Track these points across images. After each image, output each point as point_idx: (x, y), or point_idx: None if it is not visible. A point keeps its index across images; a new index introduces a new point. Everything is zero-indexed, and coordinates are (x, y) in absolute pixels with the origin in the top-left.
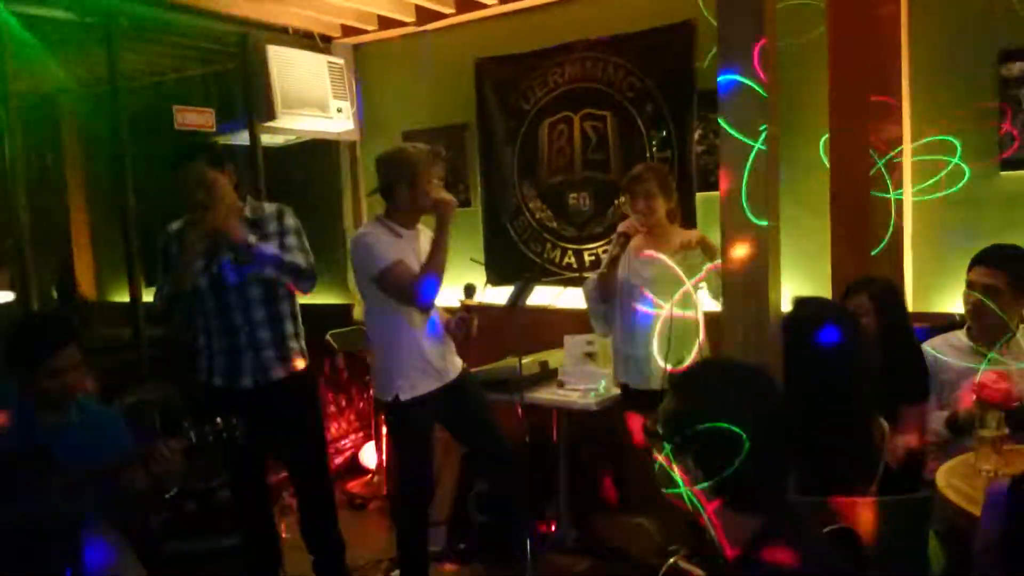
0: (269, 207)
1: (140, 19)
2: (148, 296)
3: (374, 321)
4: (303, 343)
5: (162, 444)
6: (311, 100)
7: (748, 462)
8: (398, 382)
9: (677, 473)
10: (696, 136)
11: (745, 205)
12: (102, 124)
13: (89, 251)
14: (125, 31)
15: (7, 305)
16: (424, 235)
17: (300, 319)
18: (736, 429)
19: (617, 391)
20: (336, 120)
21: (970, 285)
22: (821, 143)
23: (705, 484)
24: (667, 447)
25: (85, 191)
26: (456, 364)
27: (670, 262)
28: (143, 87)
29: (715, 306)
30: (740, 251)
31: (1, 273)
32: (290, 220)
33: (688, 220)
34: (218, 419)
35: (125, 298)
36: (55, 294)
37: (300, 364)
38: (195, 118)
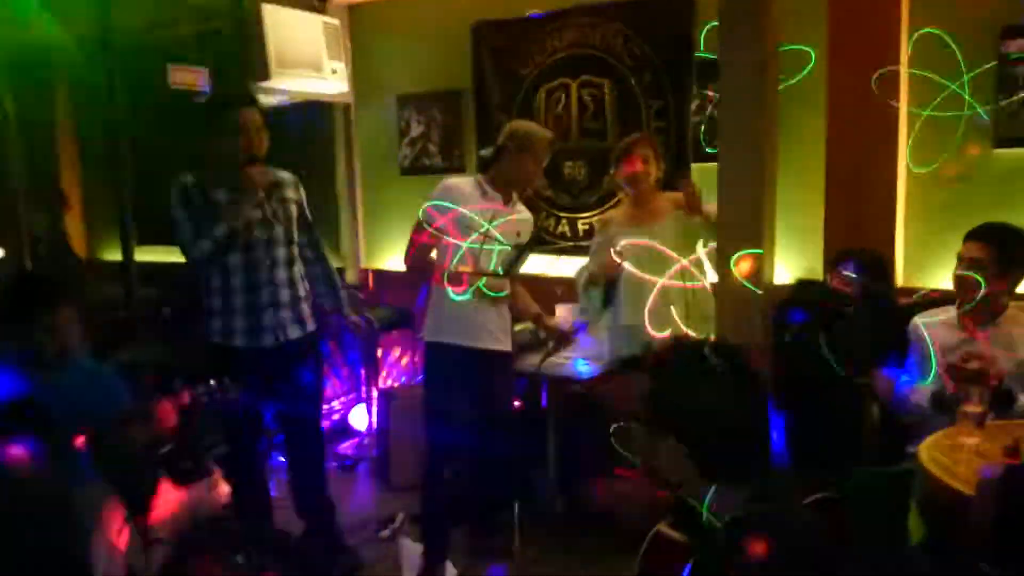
0: (283, 172)
1: None
2: (141, 255)
3: None
4: (311, 305)
5: (159, 402)
6: (306, 60)
7: (727, 438)
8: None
9: (662, 450)
10: (694, 106)
11: (741, 177)
12: (95, 81)
13: (80, 209)
14: None
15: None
16: (517, 214)
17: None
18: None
19: (607, 360)
20: (331, 81)
21: (959, 259)
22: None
23: (689, 458)
24: (649, 426)
25: (77, 149)
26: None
27: (659, 245)
28: (136, 45)
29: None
30: (735, 223)
31: None
32: (303, 191)
33: None
34: (211, 380)
35: (116, 256)
36: (44, 251)
37: (311, 325)
38: (189, 77)
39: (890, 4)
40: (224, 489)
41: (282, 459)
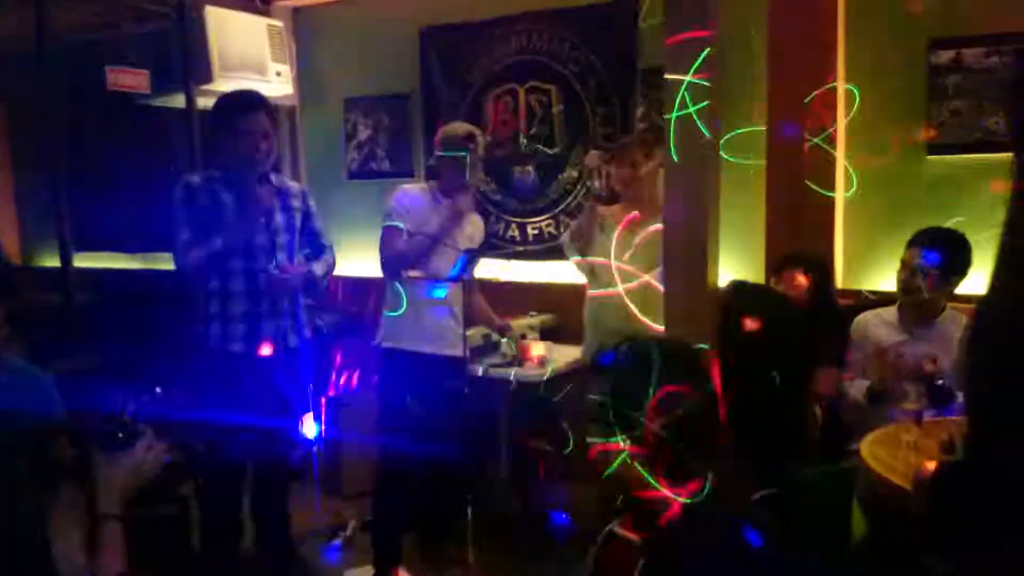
0: (290, 180)
1: None
2: (79, 262)
3: None
4: (307, 315)
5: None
6: (249, 63)
7: (680, 435)
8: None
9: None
10: (639, 113)
11: (685, 181)
12: (28, 81)
13: (12, 213)
14: None
15: None
16: (468, 219)
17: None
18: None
19: (562, 364)
20: (275, 84)
21: (903, 264)
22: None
23: (642, 460)
24: (602, 425)
25: (8, 151)
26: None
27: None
28: (73, 45)
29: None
30: (680, 226)
31: None
32: (312, 202)
33: None
34: (157, 389)
35: (52, 263)
36: None
37: (307, 335)
38: (129, 79)
39: (827, 15)
40: (160, 446)
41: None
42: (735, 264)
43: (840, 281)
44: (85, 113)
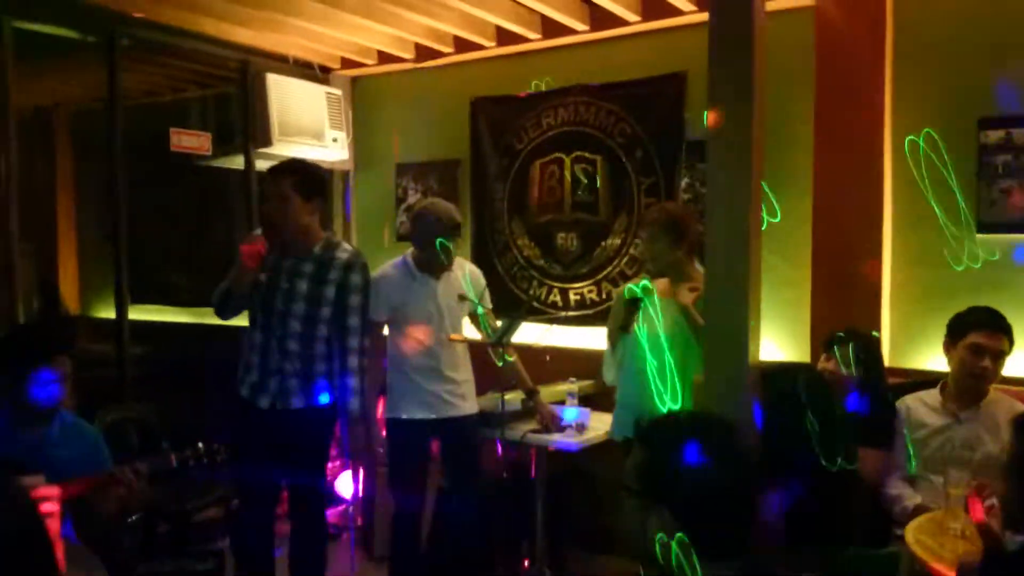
0: (344, 253)
1: (142, 40)
2: (134, 313)
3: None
4: (334, 382)
5: (126, 468)
6: (307, 129)
7: (718, 511)
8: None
9: (653, 524)
10: (683, 184)
11: (727, 252)
12: (97, 140)
13: (75, 265)
14: (126, 51)
15: None
16: (452, 279)
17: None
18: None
19: (602, 433)
20: (331, 149)
21: (977, 348)
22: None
23: (680, 535)
24: (639, 499)
25: (74, 205)
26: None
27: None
28: (140, 107)
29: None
30: (721, 299)
31: None
32: (356, 277)
33: None
34: (200, 444)
35: (109, 314)
36: (37, 306)
37: (323, 399)
38: (191, 141)
39: (874, 93)
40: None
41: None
42: (781, 338)
43: (887, 359)
44: (149, 171)
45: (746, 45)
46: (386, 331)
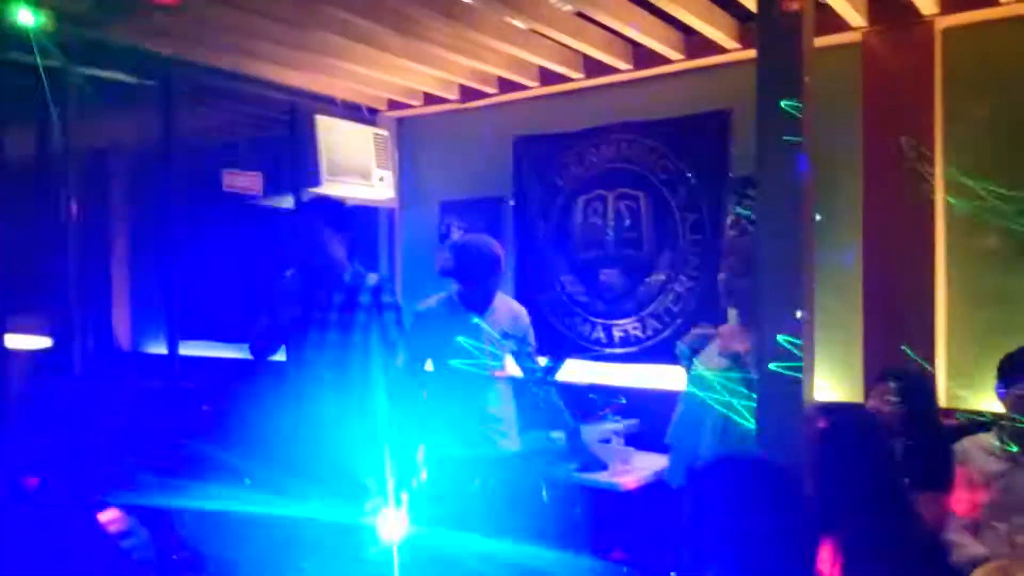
0: (372, 278)
1: (197, 84)
2: (184, 350)
3: None
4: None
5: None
6: (355, 168)
7: (774, 559)
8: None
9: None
10: (729, 221)
11: (778, 294)
12: (150, 181)
13: (126, 303)
14: (182, 94)
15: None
16: (499, 312)
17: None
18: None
19: (648, 473)
20: (378, 188)
21: None
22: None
23: None
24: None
25: (127, 245)
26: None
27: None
28: (192, 148)
29: None
30: (774, 342)
31: (38, 318)
32: (387, 298)
33: None
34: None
35: (158, 350)
36: (92, 344)
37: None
38: (243, 181)
39: (924, 127)
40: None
41: None
42: (833, 379)
43: (943, 400)
44: (201, 211)
45: (795, 81)
46: (428, 366)
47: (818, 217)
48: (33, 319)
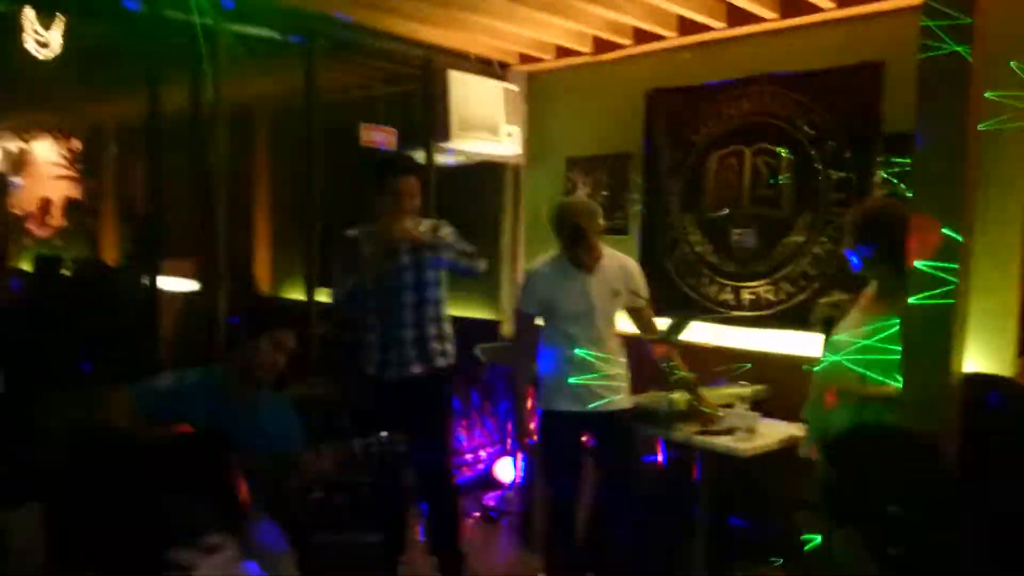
0: (426, 221)
1: (337, 40)
2: (319, 296)
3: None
4: (447, 347)
5: (315, 454)
6: (484, 124)
7: (919, 534)
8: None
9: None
10: (878, 179)
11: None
12: (291, 134)
13: (267, 250)
14: (323, 50)
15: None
16: (605, 272)
17: (447, 327)
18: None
19: (773, 441)
20: (505, 144)
21: None
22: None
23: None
24: (824, 513)
25: (269, 195)
26: (601, 398)
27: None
28: (331, 103)
29: None
30: (925, 309)
31: (188, 263)
32: (445, 230)
33: None
34: (383, 433)
35: (295, 295)
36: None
37: (439, 363)
38: (379, 136)
39: None
40: None
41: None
42: (981, 350)
43: None
44: (338, 165)
45: (963, 30)
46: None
47: None
48: (185, 264)
